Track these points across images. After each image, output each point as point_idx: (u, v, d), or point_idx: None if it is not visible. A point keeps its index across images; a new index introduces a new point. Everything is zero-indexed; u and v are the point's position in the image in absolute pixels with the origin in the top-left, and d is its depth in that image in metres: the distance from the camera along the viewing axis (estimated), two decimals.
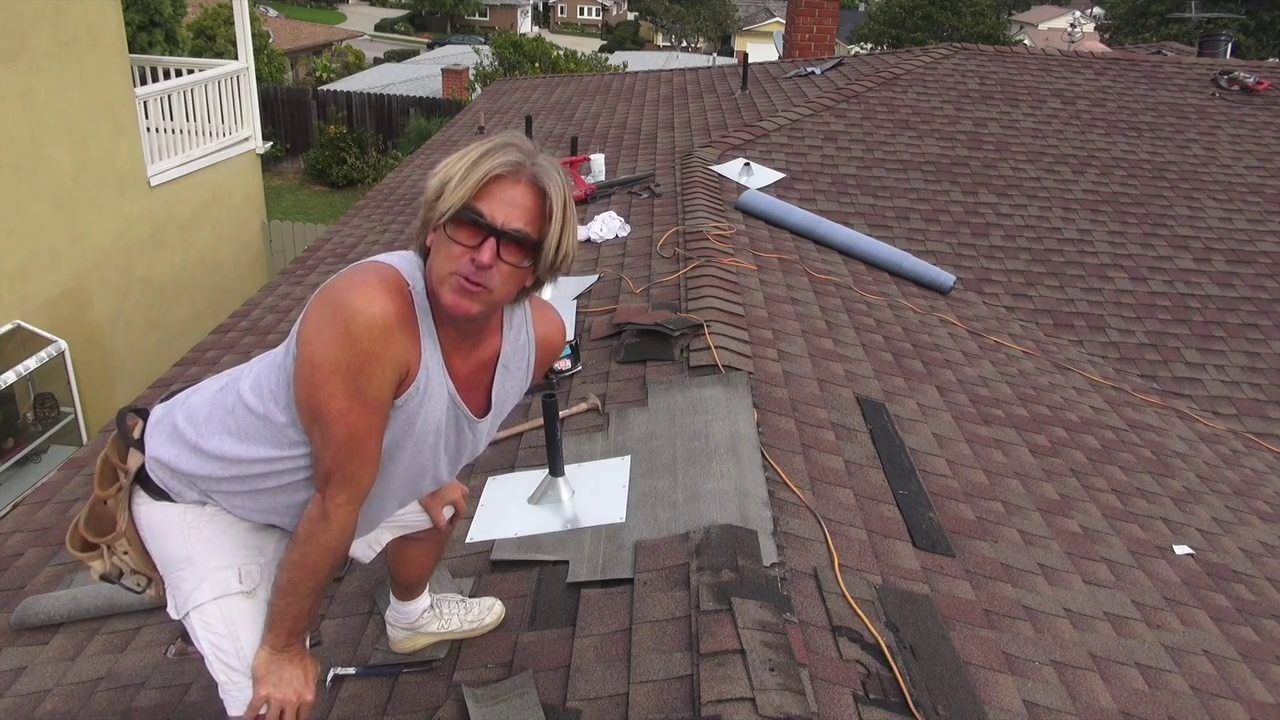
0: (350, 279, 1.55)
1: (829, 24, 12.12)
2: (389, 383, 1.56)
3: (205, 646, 1.72)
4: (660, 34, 59.72)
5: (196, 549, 1.72)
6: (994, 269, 6.07)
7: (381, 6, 66.09)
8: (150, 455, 1.74)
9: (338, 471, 1.59)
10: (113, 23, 8.50)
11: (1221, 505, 3.97)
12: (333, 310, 1.51)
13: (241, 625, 1.71)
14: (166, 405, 1.81)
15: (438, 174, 1.58)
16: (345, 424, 1.54)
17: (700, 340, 3.65)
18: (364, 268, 1.58)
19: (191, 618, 1.71)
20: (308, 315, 1.55)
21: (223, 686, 1.75)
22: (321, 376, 1.52)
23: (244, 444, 1.67)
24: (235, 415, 1.67)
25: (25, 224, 7.71)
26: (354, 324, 1.49)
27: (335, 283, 1.55)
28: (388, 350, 1.53)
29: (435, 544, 2.22)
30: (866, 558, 2.62)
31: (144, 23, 16.92)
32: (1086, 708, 2.33)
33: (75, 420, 7.63)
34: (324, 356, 1.51)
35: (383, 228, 6.94)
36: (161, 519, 1.74)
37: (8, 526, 3.78)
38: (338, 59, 34.11)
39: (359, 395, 1.53)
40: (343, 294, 1.51)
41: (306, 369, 1.53)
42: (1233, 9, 25.91)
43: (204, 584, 1.70)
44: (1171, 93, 8.49)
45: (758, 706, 1.89)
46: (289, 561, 1.66)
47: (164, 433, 1.75)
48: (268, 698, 1.70)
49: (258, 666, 1.70)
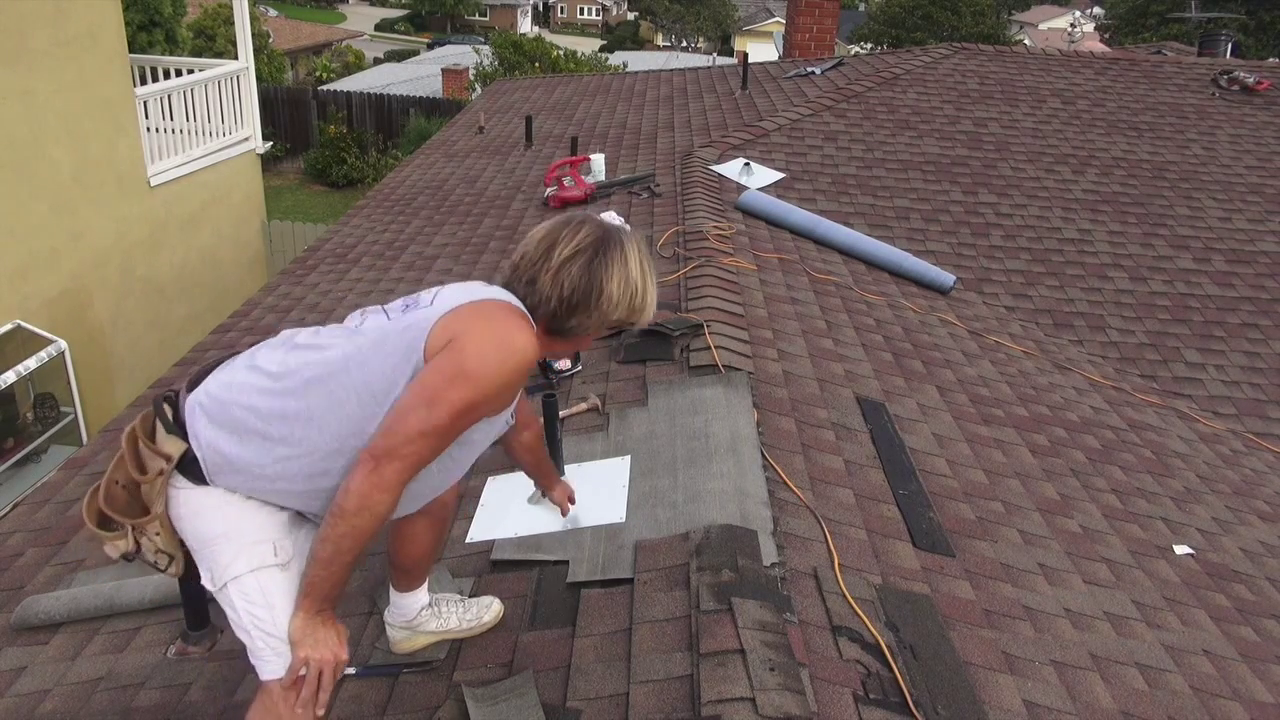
0: (514, 316, 1.78)
1: (829, 24, 12.12)
2: (498, 409, 1.83)
3: (243, 616, 1.80)
4: (660, 34, 59.72)
5: (233, 525, 1.81)
6: (994, 269, 6.07)
7: (381, 6, 66.08)
8: (205, 441, 1.79)
9: (415, 454, 1.70)
10: (113, 23, 8.50)
11: (1221, 505, 3.97)
12: (500, 339, 1.73)
13: (277, 595, 1.80)
14: (209, 392, 1.84)
15: (625, 300, 1.85)
16: (452, 423, 1.71)
17: (700, 340, 3.65)
18: (514, 310, 1.80)
19: (229, 588, 1.79)
20: (464, 328, 1.72)
21: (257, 653, 1.82)
22: (464, 383, 1.69)
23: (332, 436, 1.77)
24: (343, 415, 1.76)
25: (25, 224, 7.72)
26: (513, 359, 1.74)
27: (495, 312, 1.77)
28: (518, 386, 1.82)
29: (436, 521, 2.22)
30: (866, 558, 2.62)
31: (144, 23, 16.93)
32: (1086, 708, 2.33)
33: (75, 420, 7.63)
34: (476, 370, 1.70)
35: (383, 227, 6.94)
36: (203, 498, 1.81)
37: (8, 526, 3.77)
38: (338, 59, 34.12)
39: (477, 409, 1.74)
40: (510, 330, 1.75)
41: (453, 371, 1.69)
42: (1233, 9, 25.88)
43: (241, 557, 1.79)
44: (1171, 93, 8.49)
45: (758, 706, 1.89)
46: (338, 534, 1.71)
47: (221, 421, 1.80)
48: (307, 659, 1.78)
49: (295, 631, 1.79)
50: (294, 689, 1.80)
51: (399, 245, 6.44)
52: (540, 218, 6.26)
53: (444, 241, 6.33)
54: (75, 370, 7.65)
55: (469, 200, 7.24)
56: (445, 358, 1.70)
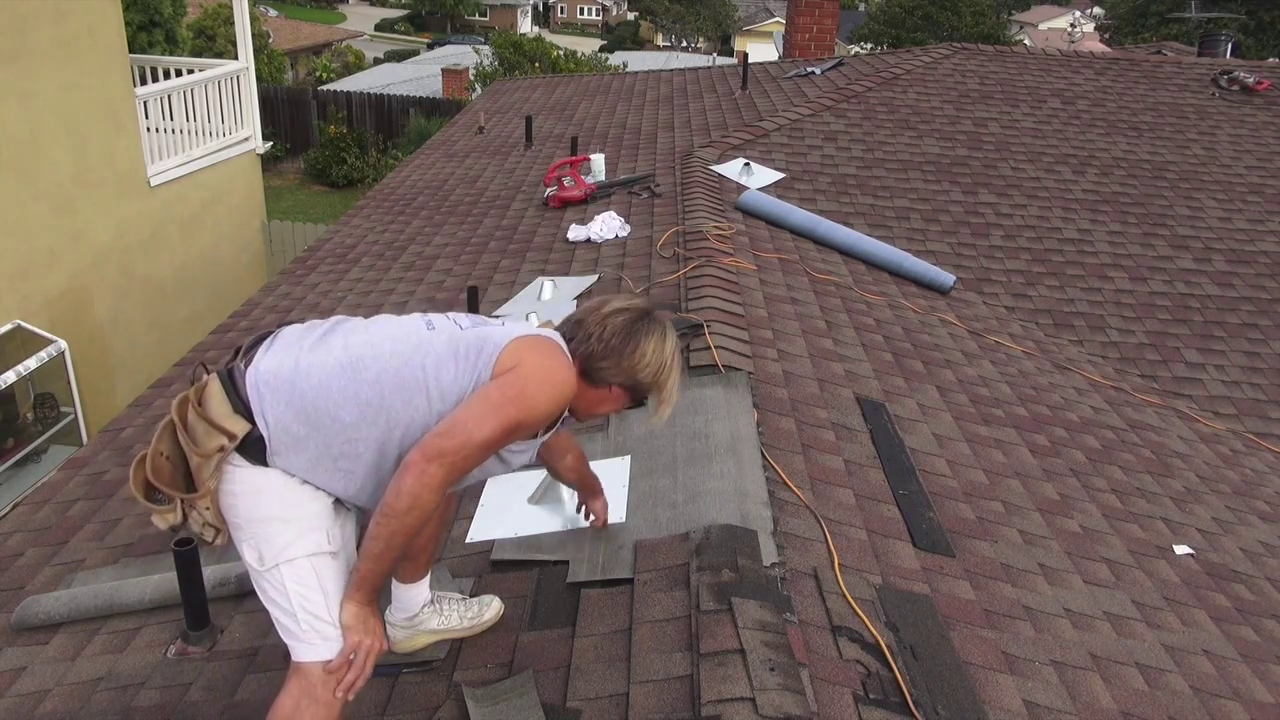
0: (562, 357, 2.02)
1: (829, 24, 12.13)
2: (535, 433, 2.05)
3: (293, 598, 1.87)
4: (660, 34, 59.70)
5: (292, 510, 1.89)
6: (994, 269, 6.07)
7: (381, 6, 66.07)
8: (274, 421, 1.85)
9: (463, 459, 1.85)
10: (113, 23, 8.50)
11: (1221, 505, 3.97)
12: (554, 374, 1.97)
13: (330, 581, 1.90)
14: (276, 372, 1.89)
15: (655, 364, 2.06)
16: (498, 435, 1.89)
17: (700, 340, 3.65)
18: (563, 351, 2.04)
19: (282, 569, 1.87)
20: (528, 358, 1.95)
21: (301, 635, 1.88)
22: (522, 403, 1.90)
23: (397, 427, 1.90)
24: (411, 407, 1.90)
25: (25, 224, 7.71)
26: (559, 392, 1.97)
27: (554, 351, 2.01)
28: (556, 416, 2.05)
29: (438, 511, 2.22)
30: (866, 558, 2.62)
31: (144, 23, 16.93)
32: (1086, 708, 2.33)
33: (75, 420, 7.63)
34: (534, 395, 1.92)
35: (383, 228, 6.94)
36: (262, 480, 1.87)
37: (8, 526, 3.77)
38: (338, 59, 34.11)
39: (522, 427, 1.94)
40: (564, 368, 2.00)
41: (516, 390, 1.91)
42: (1233, 9, 25.88)
43: (298, 541, 1.88)
44: (1171, 93, 8.49)
45: (758, 706, 1.89)
46: (388, 530, 1.82)
47: (291, 401, 1.86)
48: (358, 644, 1.89)
49: (349, 618, 1.89)
50: (339, 672, 1.88)
51: (399, 245, 6.44)
52: (540, 218, 6.27)
53: (444, 241, 6.33)
54: (75, 370, 7.65)
55: (469, 200, 7.23)
56: (509, 380, 1.91)
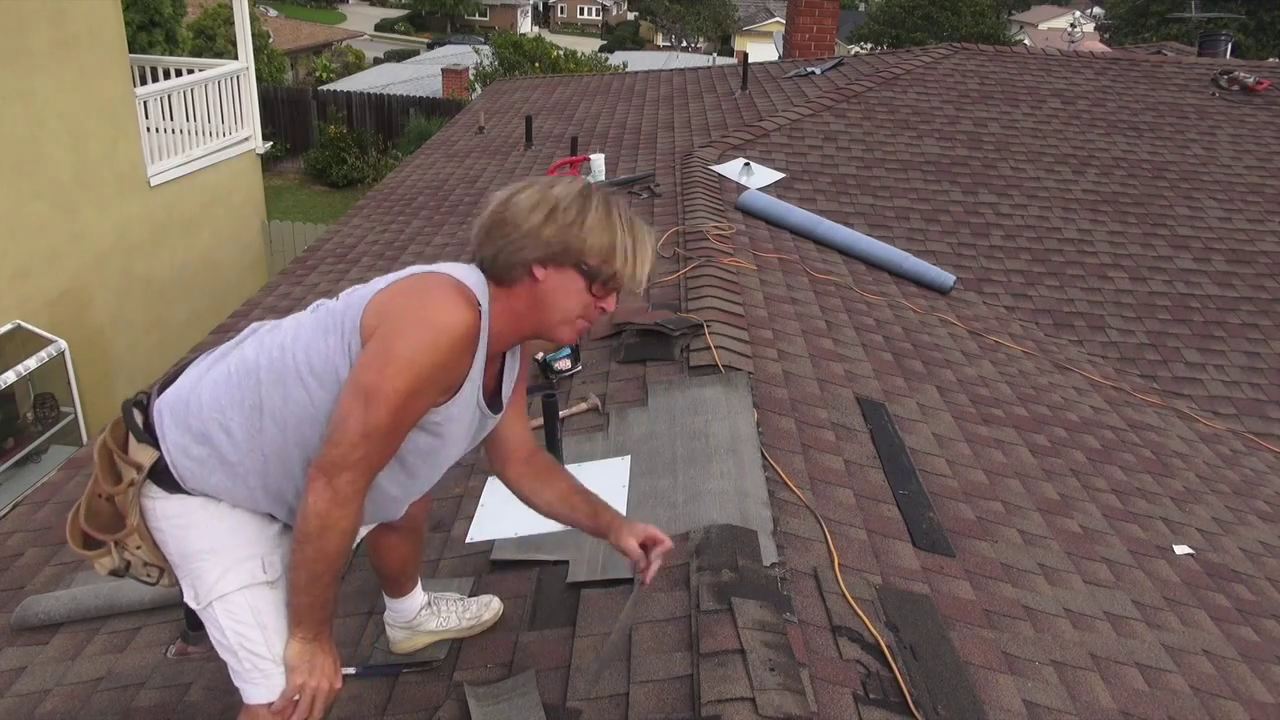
0: (440, 289, 1.62)
1: (829, 24, 12.12)
2: (442, 392, 1.65)
3: (230, 635, 1.71)
4: (660, 34, 59.68)
5: (220, 539, 1.72)
6: (994, 269, 6.06)
7: (381, 6, 66.06)
8: (173, 445, 1.71)
9: (364, 459, 1.61)
10: (113, 23, 8.50)
11: (1221, 505, 3.97)
12: (424, 315, 1.58)
13: (268, 614, 1.73)
14: (176, 394, 1.77)
15: (603, 236, 1.66)
16: (394, 418, 1.59)
17: (700, 340, 3.65)
18: (446, 281, 1.65)
19: (215, 607, 1.71)
20: (392, 311, 1.60)
21: (244, 675, 1.74)
22: (394, 370, 1.56)
23: (284, 427, 1.68)
24: (289, 400, 1.66)
25: (25, 224, 7.71)
26: (441, 334, 1.58)
27: (422, 286, 1.64)
28: (458, 364, 1.63)
29: (409, 534, 2.19)
30: (866, 558, 2.62)
31: (144, 23, 16.94)
32: (1086, 708, 2.33)
33: (75, 420, 7.63)
34: (404, 354, 1.57)
35: (382, 227, 6.94)
36: (182, 510, 1.72)
37: (8, 526, 3.77)
38: (338, 59, 34.11)
39: (417, 396, 1.60)
40: (435, 303, 1.60)
41: (380, 359, 1.57)
42: (1233, 9, 25.90)
43: (229, 574, 1.71)
44: (1171, 93, 8.49)
45: (758, 706, 1.89)
46: (307, 558, 1.64)
47: (183, 419, 1.71)
48: (303, 686, 1.72)
49: (292, 657, 1.72)
50: (283, 714, 1.73)
51: (399, 245, 6.44)
52: None
53: (444, 241, 6.33)
54: (75, 370, 7.65)
55: (469, 200, 7.23)
56: (371, 348, 1.59)
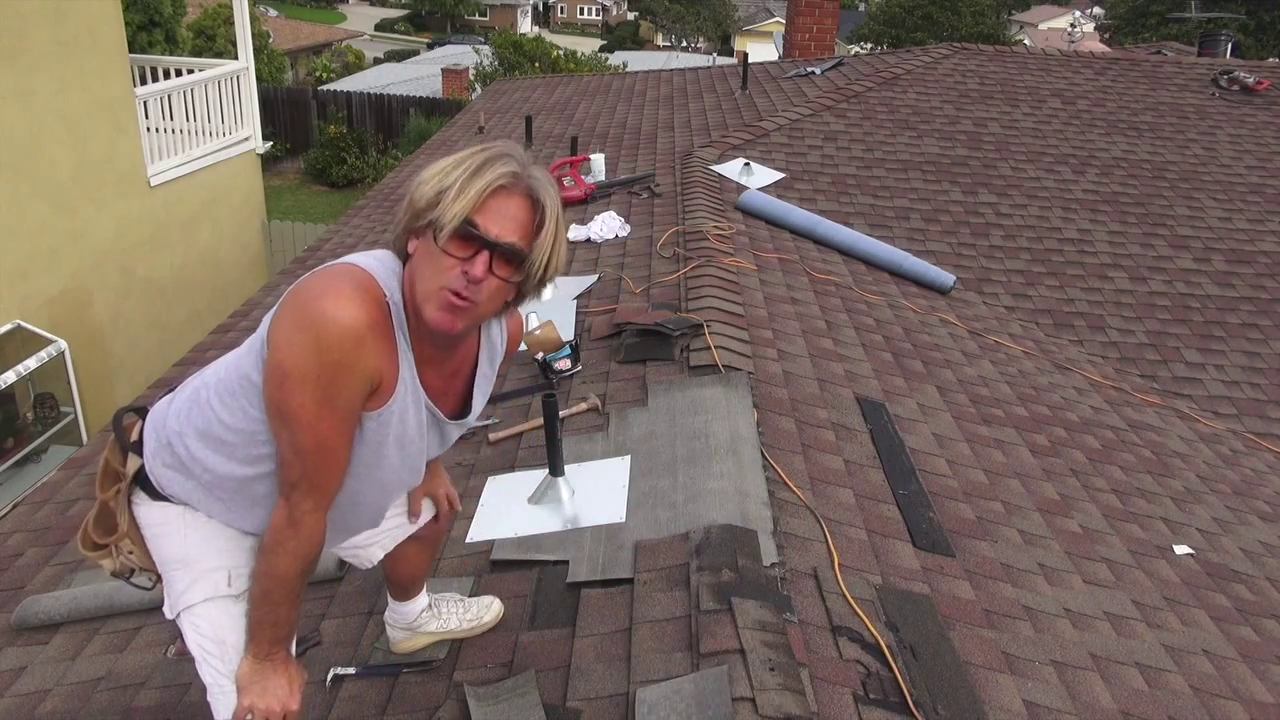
0: (322, 283, 1.50)
1: (829, 24, 12.12)
2: (359, 393, 1.54)
3: (194, 649, 1.70)
4: (660, 34, 59.69)
5: (192, 549, 1.70)
6: (994, 269, 6.07)
7: (381, 6, 66.07)
8: (149, 454, 1.72)
9: (305, 479, 1.56)
10: (113, 23, 8.50)
11: (1221, 505, 3.97)
12: (304, 317, 1.47)
13: (228, 629, 1.69)
14: (166, 404, 1.79)
15: (430, 181, 1.55)
16: (315, 432, 1.51)
17: (700, 340, 3.64)
18: (336, 272, 1.53)
19: (182, 618, 1.71)
20: (278, 319, 1.51)
21: (210, 690, 1.73)
22: (292, 384, 1.48)
23: (220, 456, 1.64)
24: (211, 427, 1.64)
25: (25, 224, 7.71)
26: (325, 333, 1.45)
27: (306, 285, 1.51)
28: (359, 361, 1.50)
29: (429, 542, 2.21)
30: (866, 558, 2.62)
31: (144, 23, 16.94)
32: (1086, 708, 2.33)
33: (75, 420, 7.63)
34: (294, 364, 1.47)
35: (383, 228, 6.94)
36: (161, 519, 1.72)
37: (8, 526, 3.77)
38: (338, 59, 34.11)
39: (329, 404, 1.50)
40: (314, 300, 1.47)
41: (277, 376, 1.49)
42: (1233, 9, 25.90)
43: (196, 585, 1.69)
44: (1171, 93, 8.49)
45: (758, 706, 1.89)
46: (259, 572, 1.64)
47: (156, 437, 1.73)
48: (251, 707, 1.67)
49: (241, 676, 1.68)
50: None
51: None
52: None
53: None
54: (75, 370, 7.65)
55: None
56: (268, 364, 1.51)
